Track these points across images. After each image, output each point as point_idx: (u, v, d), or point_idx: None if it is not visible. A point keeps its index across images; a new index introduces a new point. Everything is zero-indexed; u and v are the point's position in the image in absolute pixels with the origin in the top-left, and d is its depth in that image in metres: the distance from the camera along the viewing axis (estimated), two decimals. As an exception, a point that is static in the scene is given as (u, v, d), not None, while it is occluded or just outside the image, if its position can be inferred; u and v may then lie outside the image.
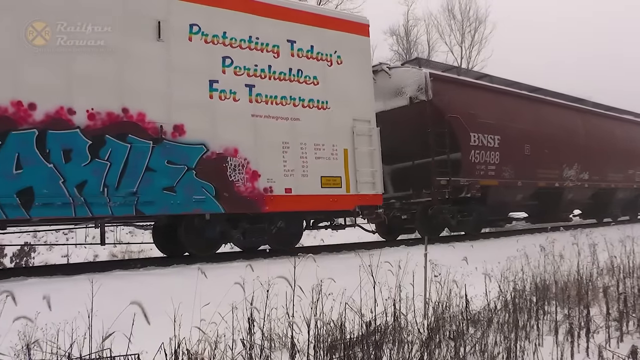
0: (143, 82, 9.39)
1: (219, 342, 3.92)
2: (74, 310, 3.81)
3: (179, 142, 9.65)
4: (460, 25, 43.89)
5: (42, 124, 8.50)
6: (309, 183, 11.17)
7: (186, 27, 9.99)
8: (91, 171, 8.81)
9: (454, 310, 5.52)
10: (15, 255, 17.39)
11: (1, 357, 3.61)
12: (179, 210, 9.62)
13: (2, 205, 8.12)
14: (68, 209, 8.62)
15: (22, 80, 8.42)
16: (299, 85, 11.28)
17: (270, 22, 11.00)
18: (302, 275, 4.35)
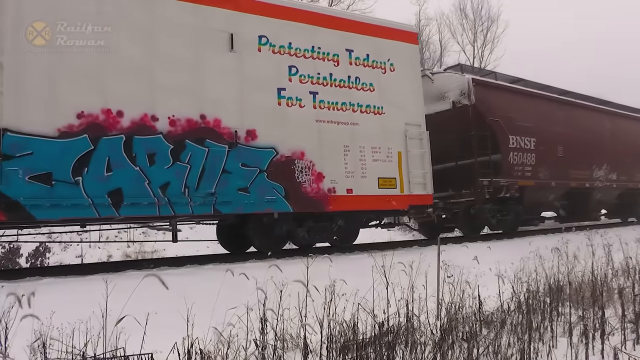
0: (218, 91, 9.48)
1: (232, 342, 3.83)
2: (88, 309, 3.74)
3: (252, 146, 9.70)
4: (473, 24, 41.38)
5: (129, 130, 8.61)
6: (368, 184, 11.16)
7: (255, 39, 10.05)
8: (173, 173, 8.90)
9: (467, 311, 5.34)
10: (31, 256, 17.11)
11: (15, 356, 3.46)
12: (253, 210, 9.66)
13: (95, 205, 8.22)
14: (153, 208, 8.71)
15: (111, 90, 8.51)
16: (357, 92, 11.28)
17: (330, 32, 11.02)
18: (316, 275, 4.26)
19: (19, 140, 7.82)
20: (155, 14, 9.07)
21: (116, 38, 8.66)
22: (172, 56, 9.12)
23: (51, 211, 7.99)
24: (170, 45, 9.11)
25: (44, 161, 7.94)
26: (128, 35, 8.79)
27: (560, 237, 8.39)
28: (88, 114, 8.32)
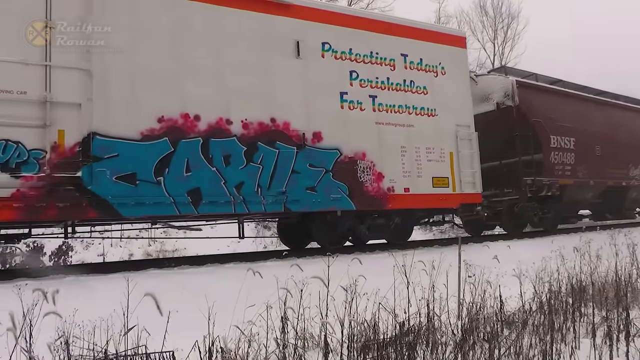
0: (287, 95, 9.50)
1: (253, 341, 3.74)
2: (109, 307, 3.66)
3: (318, 147, 9.70)
4: (493, 21, 39.21)
5: (206, 133, 8.67)
6: (423, 183, 11.08)
7: (319, 46, 10.04)
8: (247, 173, 8.94)
9: (488, 312, 5.09)
10: (54, 254, 16.88)
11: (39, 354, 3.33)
12: (320, 208, 9.65)
13: (176, 203, 8.28)
14: (229, 206, 8.77)
15: (189, 96, 8.57)
16: (412, 95, 11.20)
17: (386, 38, 10.96)
18: (336, 274, 4.11)
19: (106, 143, 7.91)
20: (229, 24, 9.13)
21: (192, 47, 8.73)
22: (244, 63, 9.17)
23: (136, 209, 8.08)
24: (242, 53, 9.17)
25: (129, 162, 8.03)
26: (203, 44, 8.87)
27: (582, 236, 8.08)
28: (168, 118, 8.39)
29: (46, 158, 7.55)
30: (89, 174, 7.76)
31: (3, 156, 7.33)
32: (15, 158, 7.40)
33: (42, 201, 7.47)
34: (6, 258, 15.60)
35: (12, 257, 15.68)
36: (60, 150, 7.65)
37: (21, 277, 6.80)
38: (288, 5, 9.72)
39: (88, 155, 7.78)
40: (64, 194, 7.61)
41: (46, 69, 7.67)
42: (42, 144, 7.56)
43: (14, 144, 7.40)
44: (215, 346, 3.52)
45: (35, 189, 7.46)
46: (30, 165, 7.47)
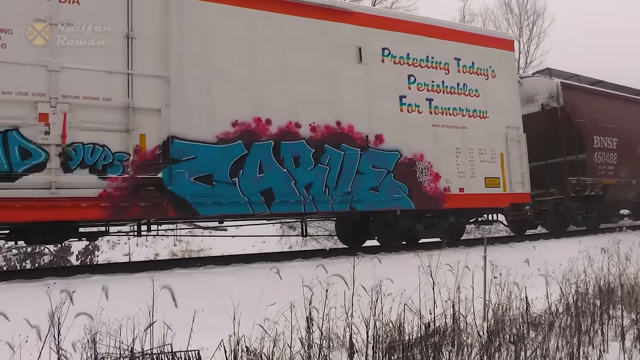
0: (350, 99, 9.46)
1: (278, 340, 3.64)
2: (135, 306, 3.60)
3: (380, 149, 9.65)
4: (518, 19, 36.89)
5: (277, 136, 8.69)
6: (476, 183, 10.93)
7: (379, 51, 9.97)
8: (315, 174, 8.93)
9: (514, 313, 4.91)
10: (81, 254, 16.56)
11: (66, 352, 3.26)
12: (382, 207, 9.60)
13: (250, 202, 8.33)
14: (299, 205, 8.78)
15: (261, 101, 8.60)
16: (465, 97, 11.06)
17: (441, 42, 10.84)
18: (362, 275, 4.00)
19: (184, 146, 7.96)
20: (298, 32, 9.16)
21: (264, 55, 8.77)
22: (312, 69, 9.17)
23: (213, 208, 8.14)
24: (310, 59, 9.18)
25: (205, 164, 8.08)
26: (274, 51, 8.90)
27: (610, 237, 7.76)
28: (242, 122, 8.43)
29: (129, 160, 7.63)
30: (169, 175, 7.82)
31: (91, 159, 7.44)
32: (101, 160, 7.50)
33: (126, 201, 7.56)
34: (35, 257, 15.77)
35: (40, 257, 15.89)
36: (142, 153, 7.73)
37: (50, 276, 6.89)
38: (350, 12, 9.69)
39: (167, 157, 7.84)
40: (146, 194, 7.69)
41: (128, 77, 7.75)
42: (126, 147, 7.65)
43: (100, 147, 7.50)
44: (241, 345, 3.46)
45: (120, 190, 7.54)
46: (115, 167, 7.56)
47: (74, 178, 7.33)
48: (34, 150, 7.18)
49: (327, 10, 9.46)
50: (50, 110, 7.28)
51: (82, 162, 7.39)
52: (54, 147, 7.26)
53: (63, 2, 7.54)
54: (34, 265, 15.15)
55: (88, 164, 7.41)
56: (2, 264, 15.31)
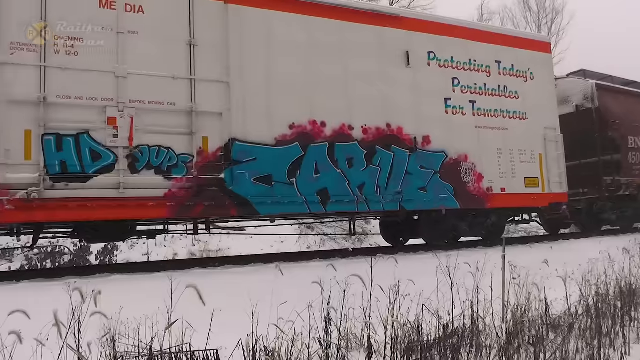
0: (399, 102, 9.49)
1: (296, 340, 3.56)
2: (154, 305, 3.53)
3: (427, 150, 9.66)
4: (537, 16, 35.81)
5: (331, 138, 8.76)
6: (517, 183, 10.89)
7: (425, 55, 9.98)
8: (367, 175, 8.98)
9: (534, 315, 4.78)
10: (100, 253, 16.59)
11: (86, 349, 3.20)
12: (430, 206, 9.61)
13: (307, 202, 8.41)
14: (353, 205, 8.84)
15: (316, 104, 8.67)
16: (505, 99, 11.02)
17: (482, 46, 10.81)
18: (380, 275, 3.91)
19: (245, 148, 8.06)
20: (351, 37, 9.20)
21: (319, 59, 8.86)
22: (364, 72, 9.21)
23: (272, 207, 8.23)
24: (362, 63, 9.22)
25: (265, 165, 8.16)
26: (329, 56, 8.97)
27: (632, 237, 7.62)
28: (298, 125, 8.50)
29: (193, 162, 7.73)
30: (230, 175, 7.92)
31: (156, 160, 7.54)
32: (166, 162, 7.61)
33: (191, 200, 7.66)
34: (55, 257, 15.78)
35: (60, 257, 15.93)
36: (205, 155, 7.82)
37: (70, 275, 6.97)
38: (399, 17, 9.74)
39: (229, 159, 7.93)
40: (209, 193, 7.79)
41: (191, 82, 7.85)
42: (189, 149, 7.75)
43: (165, 149, 7.61)
44: (259, 345, 3.43)
45: (184, 190, 7.65)
46: (179, 169, 7.67)
47: (140, 179, 7.44)
48: (103, 153, 7.31)
49: (378, 16, 9.51)
50: (118, 114, 7.41)
51: (148, 164, 7.50)
52: (122, 150, 7.39)
53: (129, 12, 7.67)
54: (55, 265, 15.21)
55: (154, 165, 7.52)
56: (24, 263, 15.40)
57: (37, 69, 7.04)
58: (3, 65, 6.87)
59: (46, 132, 7.00)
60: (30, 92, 6.99)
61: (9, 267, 14.58)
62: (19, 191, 6.82)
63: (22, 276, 7.18)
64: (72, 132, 7.16)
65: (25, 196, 6.82)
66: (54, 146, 7.06)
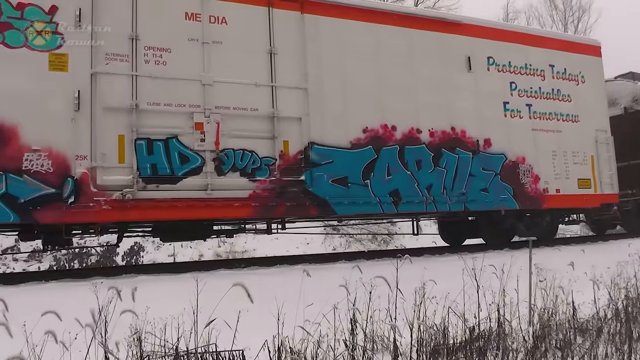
0: (462, 106, 9.68)
1: (322, 342, 3.50)
2: (179, 306, 3.51)
3: (488, 152, 9.85)
4: (563, 15, 35.39)
5: (401, 141, 9.00)
6: (570, 184, 11.01)
7: (485, 60, 10.17)
8: (434, 177, 9.20)
9: (561, 318, 4.63)
10: (126, 254, 16.60)
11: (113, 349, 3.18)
12: (491, 207, 9.79)
13: (381, 202, 8.68)
14: (422, 205, 9.07)
15: (387, 109, 8.92)
16: (559, 102, 11.15)
17: (537, 50, 10.95)
18: (405, 277, 3.81)
19: (323, 151, 8.32)
20: (417, 43, 9.45)
21: (389, 66, 9.12)
22: (430, 78, 9.42)
23: (349, 207, 8.49)
24: (428, 69, 9.44)
25: (341, 167, 8.42)
26: (398, 62, 9.22)
27: None
28: (371, 129, 8.75)
29: (275, 164, 8.00)
30: (310, 177, 8.17)
31: (241, 163, 7.83)
32: (250, 165, 7.89)
33: (273, 201, 7.93)
34: (82, 258, 16.05)
35: (88, 257, 16.21)
36: (286, 158, 8.09)
37: (97, 275, 7.13)
38: (460, 24, 9.93)
39: (308, 161, 8.18)
40: (291, 194, 8.05)
41: (272, 89, 8.13)
42: (272, 152, 8.02)
43: (249, 152, 7.89)
44: (284, 346, 3.38)
45: (267, 191, 7.91)
46: (262, 171, 7.94)
47: (226, 180, 7.72)
48: (191, 156, 7.60)
49: (442, 23, 9.75)
50: (205, 120, 7.70)
51: (234, 166, 7.79)
52: (209, 153, 7.68)
53: (212, 23, 7.96)
54: (82, 265, 15.48)
55: (239, 167, 7.81)
56: (52, 263, 15.72)
57: (129, 77, 7.38)
58: (99, 75, 7.22)
59: (138, 137, 7.33)
60: (124, 100, 7.32)
61: (38, 267, 15.01)
62: (114, 192, 7.16)
63: (51, 276, 7.39)
64: (161, 137, 7.48)
65: (120, 197, 7.16)
66: (146, 150, 7.39)
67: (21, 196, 6.72)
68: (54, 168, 6.90)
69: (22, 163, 6.77)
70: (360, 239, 19.10)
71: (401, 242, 19.02)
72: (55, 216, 6.94)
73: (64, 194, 6.94)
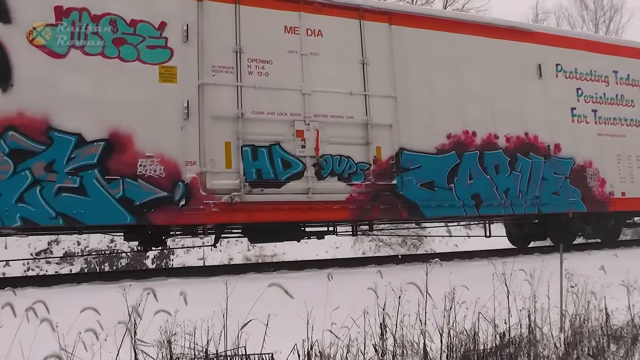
0: (534, 112, 11.05)
1: (352, 346, 3.73)
2: (209, 309, 3.74)
3: (558, 157, 11.22)
4: (594, 15, 36.85)
5: (481, 147, 10.35)
6: (635, 187, 12.27)
7: (554, 67, 11.55)
8: (511, 180, 10.54)
9: (593, 325, 4.81)
10: (156, 257, 17.57)
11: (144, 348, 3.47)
12: (562, 210, 11.14)
13: (464, 206, 10.06)
14: (500, 208, 10.42)
15: (467, 116, 10.27)
16: (622, 107, 12.49)
17: (600, 57, 12.30)
18: (435, 282, 4.06)
19: (411, 156, 9.67)
20: (493, 52, 10.82)
21: (468, 74, 10.48)
22: (505, 85, 10.80)
23: (435, 210, 9.84)
24: (503, 76, 10.81)
25: (428, 172, 9.77)
26: (476, 71, 10.58)
27: None
28: (454, 135, 10.11)
29: (370, 169, 9.34)
30: (401, 182, 9.51)
31: (339, 168, 9.16)
32: (347, 170, 9.22)
33: (369, 204, 9.27)
34: (113, 260, 17.29)
35: (118, 260, 17.45)
36: (379, 163, 9.43)
37: (127, 278, 7.80)
38: (532, 32, 11.33)
39: (399, 166, 9.53)
40: (384, 198, 9.39)
41: (365, 97, 9.48)
42: (366, 158, 9.36)
43: (346, 158, 9.23)
44: (314, 350, 3.59)
45: (363, 194, 9.25)
46: (358, 176, 9.27)
47: (326, 185, 9.06)
48: (293, 161, 8.94)
49: (514, 32, 11.12)
50: (305, 127, 9.03)
51: (332, 171, 9.12)
52: (309, 159, 9.01)
53: (309, 36, 9.30)
54: (112, 268, 16.64)
55: (337, 172, 9.14)
56: (84, 266, 16.96)
57: (234, 88, 8.71)
58: (206, 86, 8.55)
59: (244, 143, 8.66)
60: (230, 109, 8.65)
61: (70, 269, 16.26)
62: (223, 196, 8.47)
63: (82, 279, 8.13)
64: (265, 144, 8.81)
65: (229, 200, 8.47)
66: (251, 156, 8.71)
67: (136, 199, 7.99)
68: (166, 173, 8.18)
69: (137, 168, 8.02)
70: (391, 243, 20.32)
71: (431, 246, 20.41)
72: (167, 218, 8.24)
73: (175, 197, 8.22)
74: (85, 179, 7.74)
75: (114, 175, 7.88)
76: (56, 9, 7.90)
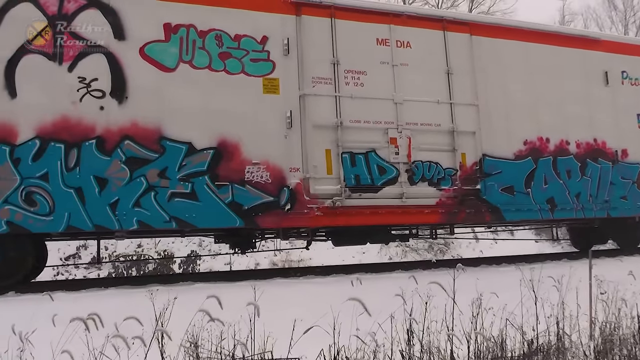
0: (602, 118, 12.62)
1: (378, 352, 3.89)
2: (236, 314, 3.88)
3: (626, 162, 12.81)
4: (623, 16, 38.12)
5: (554, 153, 11.93)
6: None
7: (619, 74, 13.14)
8: (581, 185, 12.15)
9: (625, 332, 4.99)
10: (183, 262, 18.65)
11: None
12: (630, 213, 12.74)
13: (540, 210, 11.63)
14: (572, 212, 12.01)
15: (541, 122, 11.87)
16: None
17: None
18: (462, 287, 4.25)
19: (493, 162, 11.25)
20: (564, 61, 12.38)
21: (542, 83, 12.02)
22: (575, 92, 12.34)
23: (515, 214, 11.44)
24: (573, 84, 12.35)
25: (508, 177, 11.34)
26: (549, 79, 12.13)
27: None
28: (530, 142, 11.70)
29: (456, 175, 10.91)
30: (484, 186, 11.10)
31: (429, 174, 10.73)
32: (436, 175, 10.78)
33: (456, 208, 10.87)
34: (140, 265, 18.70)
35: (145, 265, 18.86)
36: (465, 169, 11.01)
37: (154, 283, 8.42)
38: (599, 40, 12.96)
39: (482, 172, 11.12)
40: (469, 202, 10.98)
41: (450, 106, 11.05)
42: (453, 164, 10.93)
43: (434, 164, 10.79)
44: (341, 355, 3.77)
45: (451, 199, 10.84)
46: (446, 181, 10.85)
47: (417, 189, 10.61)
48: (387, 168, 10.49)
49: (582, 40, 12.75)
50: (398, 135, 10.58)
51: (423, 177, 10.68)
52: (402, 165, 10.55)
53: (399, 47, 10.85)
54: (139, 273, 18.04)
55: (427, 178, 10.70)
56: (111, 270, 18.42)
57: (332, 98, 10.21)
58: (307, 96, 10.04)
59: (343, 151, 10.17)
60: (329, 118, 10.13)
61: (97, 274, 17.64)
62: (325, 200, 9.98)
63: (110, 283, 8.92)
64: (362, 151, 10.34)
65: (331, 204, 9.98)
66: (349, 162, 10.23)
67: (245, 203, 9.36)
68: (272, 179, 9.54)
69: (245, 175, 9.32)
70: (417, 249, 21.94)
71: (457, 251, 22.11)
72: (274, 221, 9.68)
73: (281, 201, 9.63)
74: (197, 185, 9.01)
75: (223, 181, 9.18)
76: (165, 26, 9.30)
